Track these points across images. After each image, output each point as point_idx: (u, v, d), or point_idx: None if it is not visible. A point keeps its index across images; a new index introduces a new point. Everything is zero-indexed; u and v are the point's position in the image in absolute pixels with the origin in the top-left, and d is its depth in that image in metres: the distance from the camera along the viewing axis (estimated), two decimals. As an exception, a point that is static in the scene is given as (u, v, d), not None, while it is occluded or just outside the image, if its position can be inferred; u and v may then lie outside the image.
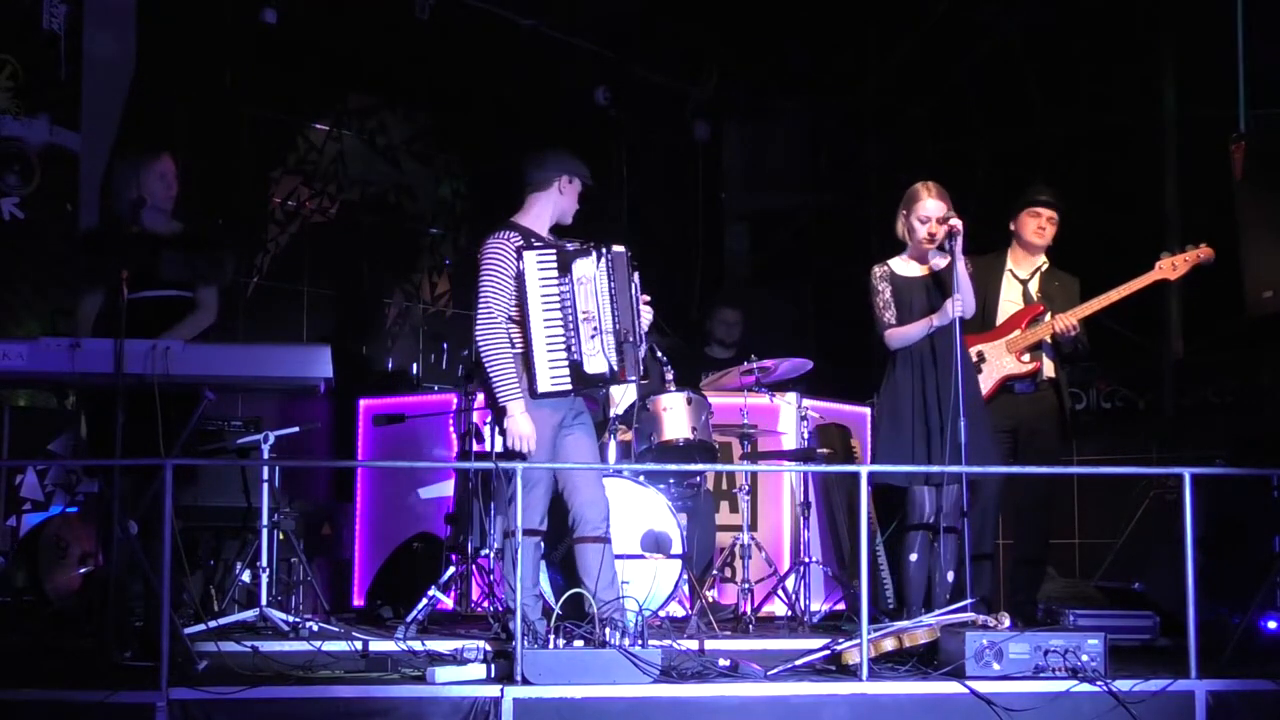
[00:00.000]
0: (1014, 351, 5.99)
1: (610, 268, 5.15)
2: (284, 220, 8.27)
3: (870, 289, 5.70)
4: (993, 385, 5.95)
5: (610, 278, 5.15)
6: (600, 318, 5.12)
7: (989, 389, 5.91)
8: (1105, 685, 4.57)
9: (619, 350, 5.13)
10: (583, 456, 5.25)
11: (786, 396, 6.98)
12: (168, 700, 4.20)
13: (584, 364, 5.09)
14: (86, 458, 5.99)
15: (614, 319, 5.14)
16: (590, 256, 5.14)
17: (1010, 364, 5.98)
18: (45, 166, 7.15)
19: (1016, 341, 5.99)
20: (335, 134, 8.53)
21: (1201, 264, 6.00)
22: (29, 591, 6.06)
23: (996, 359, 6.00)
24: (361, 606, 7.11)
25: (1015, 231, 6.20)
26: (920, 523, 5.62)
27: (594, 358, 5.10)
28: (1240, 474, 5.94)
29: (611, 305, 5.14)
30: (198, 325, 5.31)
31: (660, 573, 6.19)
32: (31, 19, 7.17)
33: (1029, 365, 5.98)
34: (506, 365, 5.08)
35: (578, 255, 5.13)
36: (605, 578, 5.12)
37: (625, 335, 5.15)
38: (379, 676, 4.62)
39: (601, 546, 5.17)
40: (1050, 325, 5.95)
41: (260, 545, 5.92)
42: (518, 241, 5.14)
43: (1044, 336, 5.97)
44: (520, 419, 5.06)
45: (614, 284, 5.15)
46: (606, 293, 5.15)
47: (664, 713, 4.42)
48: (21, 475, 6.64)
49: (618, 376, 5.16)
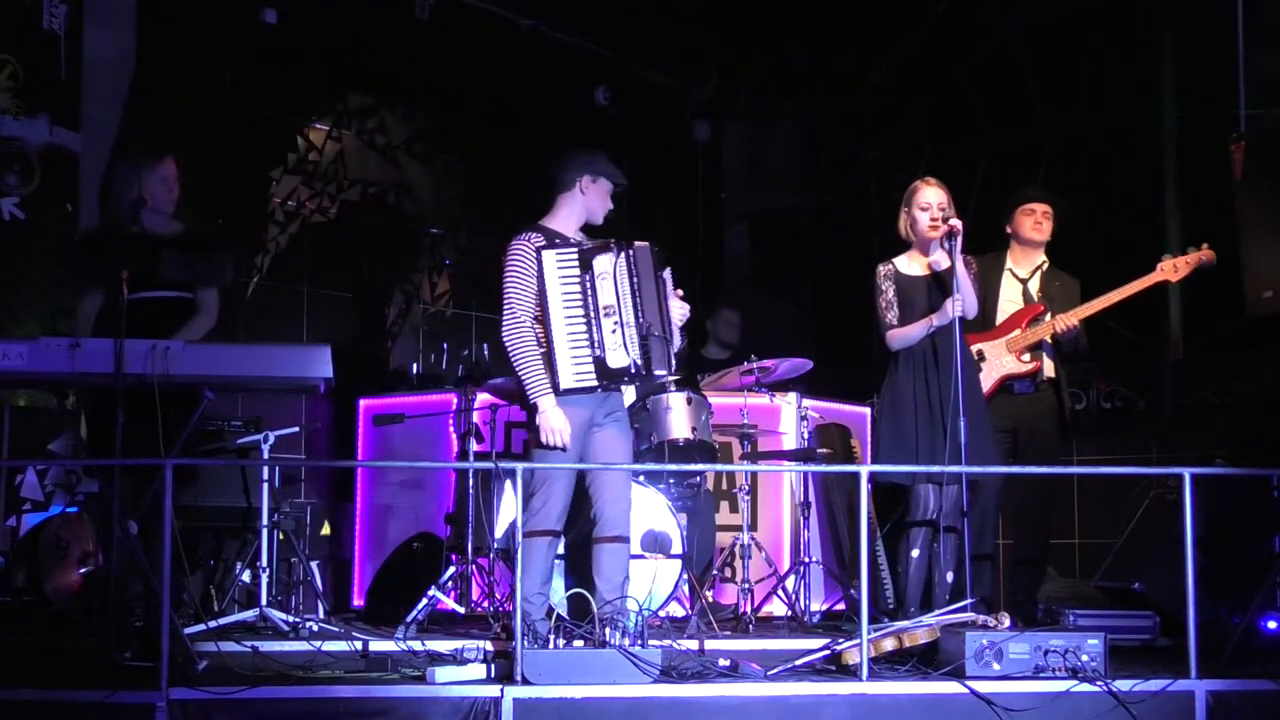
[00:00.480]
0: (1014, 351, 5.99)
1: (631, 262, 5.13)
2: (284, 220, 8.26)
3: (874, 288, 5.71)
4: (993, 384, 5.95)
5: (632, 272, 5.13)
6: (621, 311, 5.09)
7: (989, 388, 5.91)
8: (1105, 685, 4.57)
9: (643, 344, 5.10)
10: (613, 455, 5.21)
11: (786, 396, 6.98)
12: (168, 700, 4.20)
13: (607, 359, 5.06)
14: (86, 458, 5.99)
15: (636, 312, 5.10)
16: (610, 253, 5.12)
17: (1010, 363, 5.98)
18: (45, 166, 7.15)
19: (1017, 341, 5.99)
20: (335, 134, 8.53)
21: (1203, 266, 5.99)
22: (29, 591, 6.06)
23: (996, 358, 6.00)
24: (361, 606, 7.12)
25: (1013, 232, 6.20)
26: (923, 519, 5.62)
27: (615, 351, 5.07)
28: (1240, 474, 5.93)
29: (633, 299, 5.11)
30: (200, 328, 5.31)
31: (660, 573, 6.19)
32: (31, 19, 7.17)
33: (1029, 365, 5.98)
34: (534, 363, 5.07)
35: (597, 252, 5.12)
36: (615, 579, 5.12)
37: (649, 329, 5.10)
38: (379, 676, 4.62)
39: (617, 547, 5.18)
40: (1051, 325, 5.96)
41: (260, 545, 5.93)
42: (539, 242, 5.14)
43: (1044, 336, 5.97)
44: (552, 413, 5.05)
45: (636, 278, 5.13)
46: (628, 287, 5.12)
47: (664, 713, 4.42)
48: (21, 475, 6.64)
49: (643, 370, 5.11)
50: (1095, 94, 8.76)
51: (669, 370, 5.22)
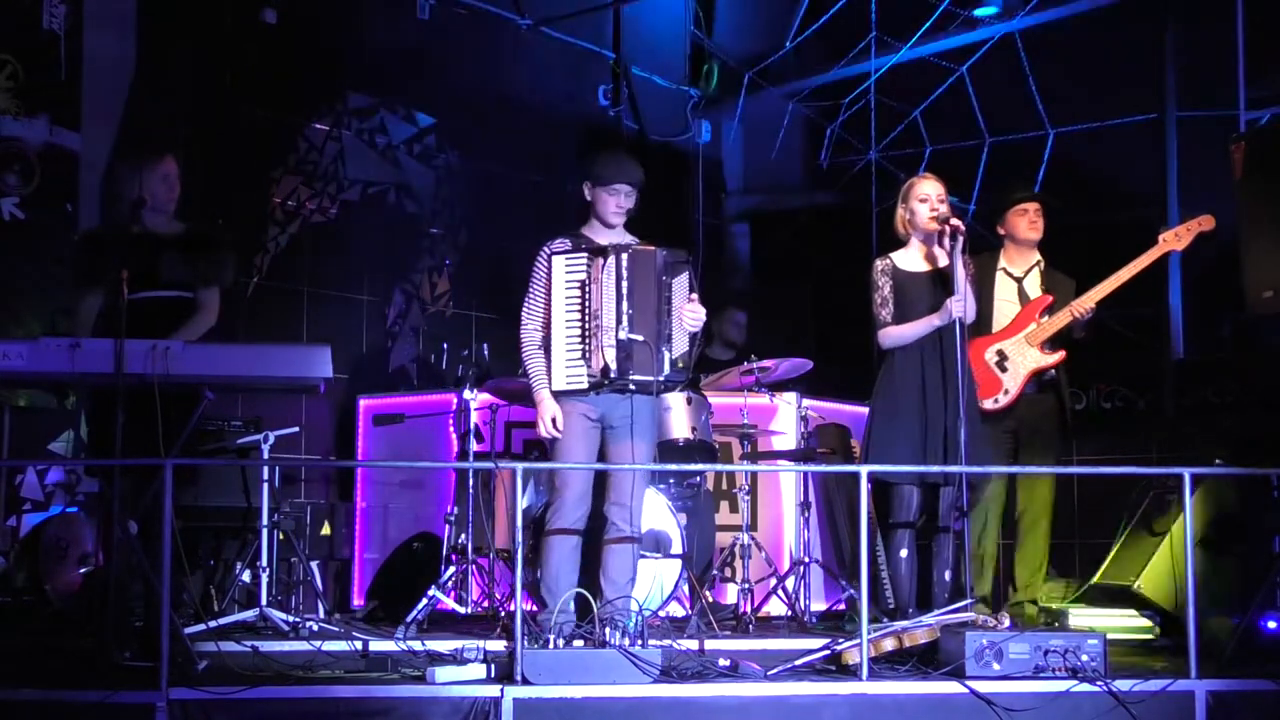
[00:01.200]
0: (1036, 344, 5.98)
1: (627, 266, 5.15)
2: (284, 220, 8.26)
3: (870, 284, 5.65)
4: (1022, 381, 5.93)
5: (625, 277, 5.15)
6: (603, 315, 5.14)
7: (1019, 385, 5.90)
8: (1105, 685, 4.57)
9: (620, 349, 5.12)
10: (624, 459, 5.25)
11: (786, 396, 6.98)
12: (168, 700, 4.20)
13: (590, 362, 5.15)
14: (86, 458, 5.99)
15: (619, 317, 5.13)
16: (607, 257, 5.17)
17: (1036, 357, 5.97)
18: (45, 166, 7.14)
19: (1036, 334, 5.98)
20: (335, 134, 8.53)
21: (1204, 233, 6.03)
22: (29, 591, 6.05)
23: (1020, 355, 5.98)
24: (361, 606, 7.12)
25: (1006, 233, 6.21)
26: (905, 521, 5.60)
27: (595, 355, 5.14)
28: (1240, 474, 5.93)
29: (619, 304, 5.14)
30: (199, 327, 5.30)
31: (660, 573, 6.19)
32: (31, 19, 7.17)
33: (1055, 356, 5.97)
34: (532, 360, 5.31)
35: (596, 255, 5.19)
36: (620, 581, 5.19)
37: (631, 335, 5.12)
38: (379, 676, 4.62)
39: (623, 548, 5.23)
40: (1069, 311, 5.95)
41: (260, 545, 5.93)
42: (557, 247, 5.30)
43: (1064, 324, 5.96)
44: (546, 403, 5.23)
45: (628, 283, 5.15)
46: (613, 291, 5.15)
47: (664, 713, 4.42)
48: (21, 475, 6.64)
49: (617, 376, 5.13)
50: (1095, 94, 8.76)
51: (657, 376, 5.18)
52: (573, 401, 5.22)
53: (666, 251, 5.26)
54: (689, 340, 5.29)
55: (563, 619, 5.00)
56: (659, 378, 5.19)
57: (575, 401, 5.21)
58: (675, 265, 5.27)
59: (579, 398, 5.21)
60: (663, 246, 5.28)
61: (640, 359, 5.13)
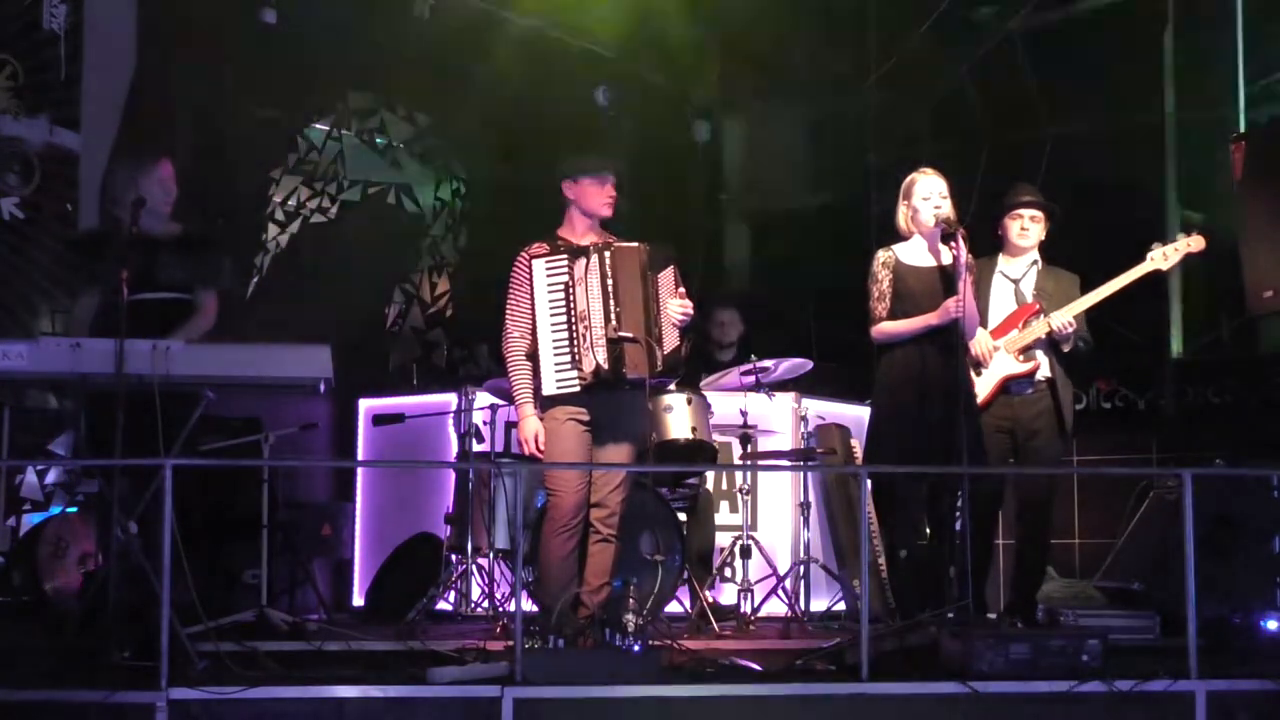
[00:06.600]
0: (1012, 352, 5.97)
1: (611, 264, 5.15)
2: (284, 220, 8.27)
3: (869, 275, 5.57)
4: (993, 387, 5.93)
5: (609, 275, 5.14)
6: (591, 315, 5.12)
7: (990, 390, 5.89)
8: (1105, 685, 4.56)
9: (614, 347, 5.11)
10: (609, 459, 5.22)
11: (786, 396, 6.97)
12: (168, 700, 4.20)
13: (581, 363, 5.11)
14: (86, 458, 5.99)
15: (607, 316, 5.13)
16: (589, 256, 5.15)
17: (1009, 364, 5.96)
18: (45, 166, 7.14)
19: (1014, 342, 5.96)
20: (335, 134, 8.53)
21: (1193, 253, 5.98)
22: (29, 591, 6.06)
23: (996, 360, 5.98)
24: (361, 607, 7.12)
25: (1003, 236, 6.20)
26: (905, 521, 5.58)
27: (586, 355, 5.11)
28: (1240, 474, 5.94)
29: (605, 303, 5.13)
30: (196, 330, 5.30)
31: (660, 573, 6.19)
32: (31, 19, 7.17)
33: (1028, 365, 5.94)
34: (516, 371, 5.23)
35: (577, 256, 5.16)
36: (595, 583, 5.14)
37: (620, 331, 5.12)
38: (379, 676, 4.61)
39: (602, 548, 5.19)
40: (1046, 324, 5.93)
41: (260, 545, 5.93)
42: (536, 251, 5.23)
43: (1040, 335, 5.94)
44: (527, 421, 5.18)
45: (612, 281, 5.15)
46: (599, 290, 5.14)
47: (663, 713, 4.41)
48: (21, 475, 6.64)
49: (610, 375, 5.10)
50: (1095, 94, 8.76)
51: (649, 373, 5.16)
52: (565, 406, 5.15)
53: (650, 247, 5.25)
54: (679, 335, 5.28)
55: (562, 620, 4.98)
56: (651, 375, 5.18)
57: (567, 405, 5.14)
58: (659, 261, 5.26)
59: (571, 402, 5.15)
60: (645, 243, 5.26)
61: (632, 356, 5.13)
